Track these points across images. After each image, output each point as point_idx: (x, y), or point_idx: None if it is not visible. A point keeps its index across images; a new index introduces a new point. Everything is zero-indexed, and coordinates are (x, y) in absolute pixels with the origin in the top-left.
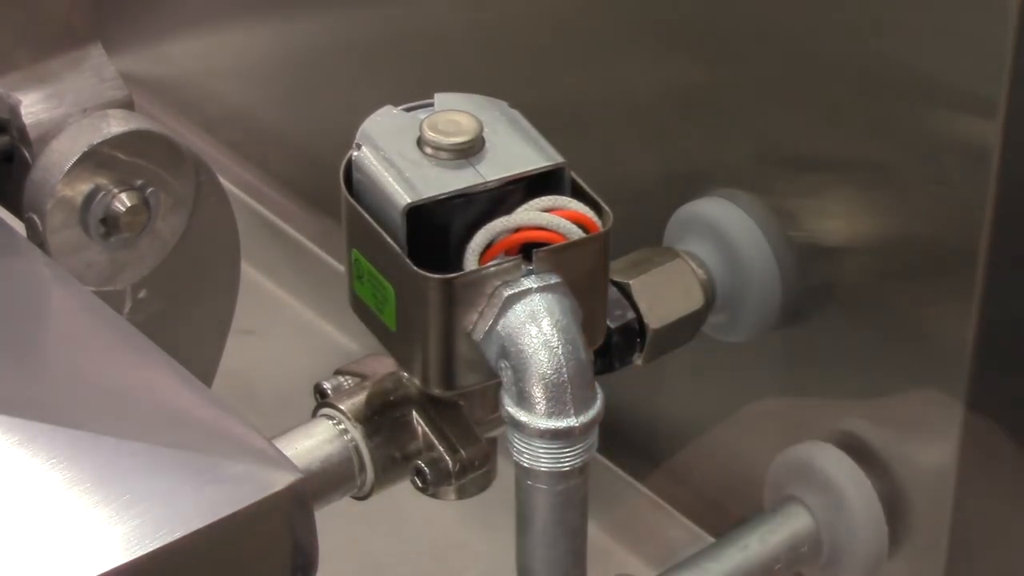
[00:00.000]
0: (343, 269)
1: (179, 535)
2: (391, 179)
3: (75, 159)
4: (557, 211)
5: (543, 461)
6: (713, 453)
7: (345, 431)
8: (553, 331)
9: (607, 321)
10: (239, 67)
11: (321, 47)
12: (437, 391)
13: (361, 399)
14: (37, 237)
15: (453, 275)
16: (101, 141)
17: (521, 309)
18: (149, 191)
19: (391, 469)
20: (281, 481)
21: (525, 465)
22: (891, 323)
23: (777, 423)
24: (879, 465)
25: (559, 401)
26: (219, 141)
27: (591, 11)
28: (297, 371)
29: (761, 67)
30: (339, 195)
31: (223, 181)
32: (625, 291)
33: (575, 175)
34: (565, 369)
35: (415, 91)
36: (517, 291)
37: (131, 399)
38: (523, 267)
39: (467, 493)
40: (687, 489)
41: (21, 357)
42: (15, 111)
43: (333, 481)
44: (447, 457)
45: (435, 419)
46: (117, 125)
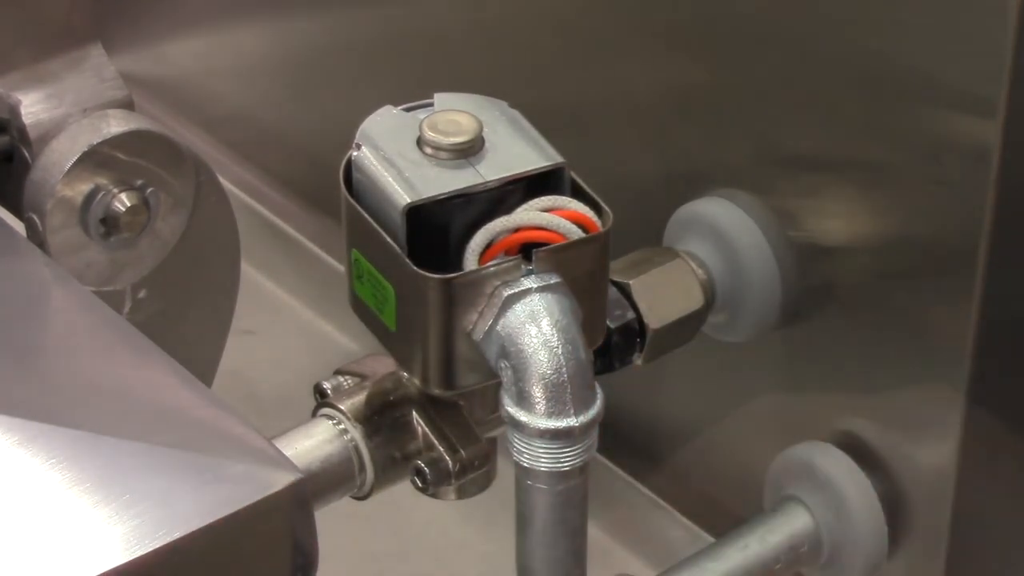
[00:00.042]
0: (343, 269)
1: (179, 535)
2: (391, 179)
3: (75, 159)
4: (557, 211)
5: (543, 461)
6: (713, 453)
7: (345, 431)
8: (553, 331)
9: (607, 321)
10: (239, 67)
11: (321, 47)
12: (437, 391)
13: (361, 399)
14: (37, 237)
15: (453, 275)
16: (101, 141)
17: (521, 309)
18: (149, 191)
19: (391, 469)
20: (281, 481)
21: (525, 465)
22: (891, 323)
23: (777, 423)
24: (879, 465)
25: (559, 401)
26: (219, 141)
27: (591, 11)
28: (297, 371)
29: (761, 67)
30: (339, 195)
31: (223, 181)
32: (625, 291)
33: (575, 175)
34: (565, 369)
35: (415, 91)
36: (517, 291)
37: (131, 399)
38: (523, 267)
39: (467, 493)
40: (687, 489)
41: (21, 357)
42: (15, 111)
43: (333, 481)
44: (447, 457)
45: (435, 419)
46: (117, 125)
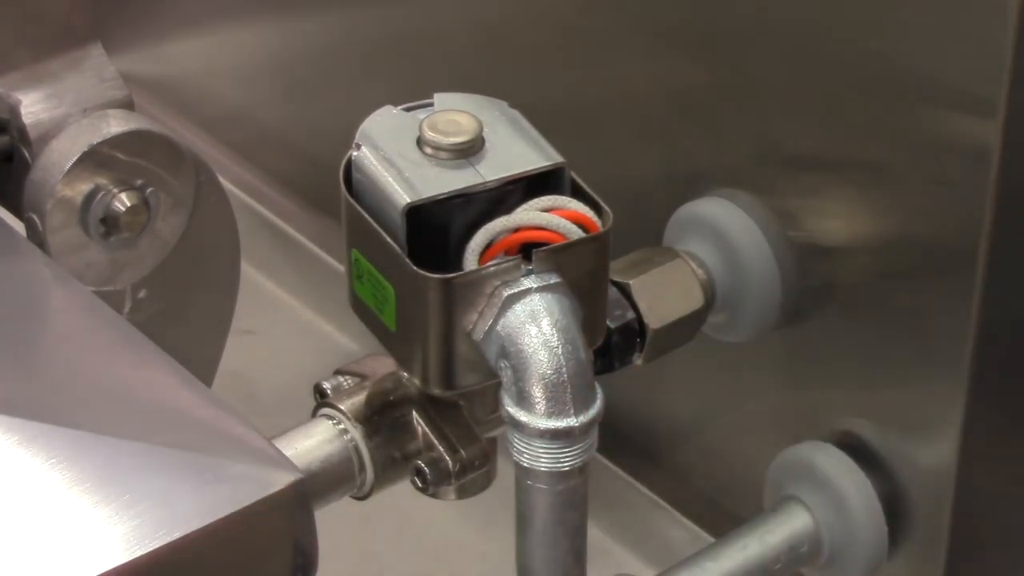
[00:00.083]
0: (343, 269)
1: (179, 535)
2: (391, 179)
3: (75, 159)
4: (557, 211)
5: (543, 461)
6: (713, 453)
7: (345, 431)
8: (553, 331)
9: (607, 321)
10: (239, 67)
11: (321, 47)
12: (437, 391)
13: (361, 399)
14: (37, 237)
15: (453, 275)
16: (101, 141)
17: (521, 309)
18: (149, 191)
19: (391, 469)
20: (281, 481)
21: (525, 465)
22: (891, 323)
23: (777, 423)
24: (879, 465)
25: (559, 401)
26: (219, 141)
27: (591, 11)
28: (297, 371)
29: (761, 67)
30: (339, 195)
31: (223, 181)
32: (625, 291)
33: (575, 175)
34: (565, 369)
35: (415, 91)
36: (517, 291)
37: (131, 399)
38: (523, 267)
39: (467, 493)
40: (687, 489)
41: (21, 357)
42: (15, 111)
43: (333, 481)
44: (447, 457)
45: (435, 419)
46: (117, 125)
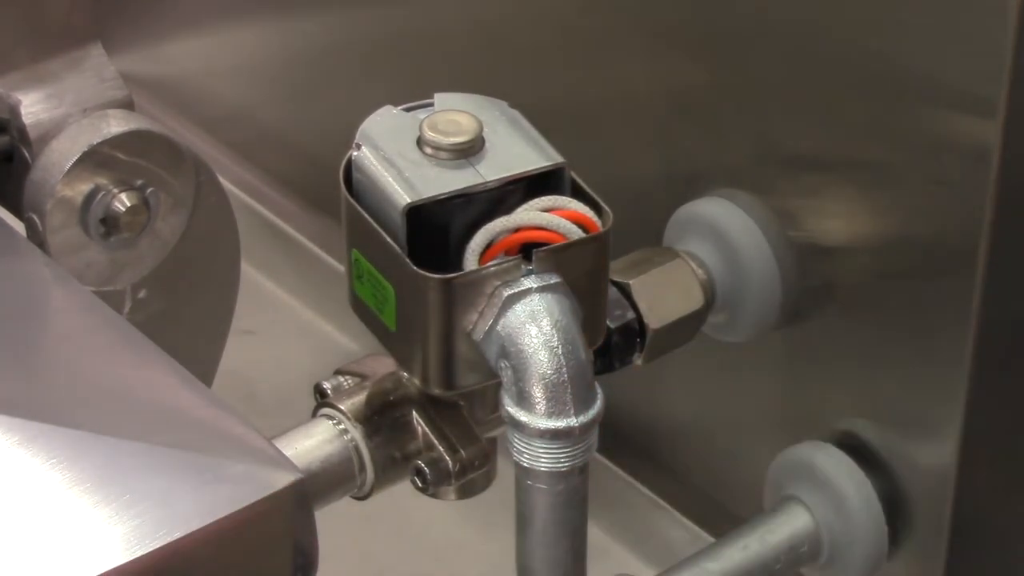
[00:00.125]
0: (343, 269)
1: (179, 535)
2: (391, 179)
3: (75, 159)
4: (557, 211)
5: (543, 461)
6: (713, 453)
7: (345, 431)
8: (553, 331)
9: (607, 321)
10: (239, 67)
11: (321, 47)
12: (437, 391)
13: (361, 399)
14: (37, 237)
15: (453, 275)
16: (101, 141)
17: (521, 309)
18: (149, 191)
19: (391, 469)
20: (281, 481)
21: (525, 465)
22: (891, 323)
23: (777, 423)
24: (879, 465)
25: (559, 401)
26: (219, 141)
27: (591, 11)
28: (297, 371)
29: (761, 67)
30: (339, 195)
31: (223, 181)
32: (625, 291)
33: (575, 175)
34: (565, 369)
35: (415, 91)
36: (517, 291)
37: (131, 399)
38: (523, 267)
39: (467, 493)
40: (687, 489)
41: (21, 357)
42: (15, 111)
43: (333, 481)
44: (447, 457)
45: (435, 419)
46: (117, 125)
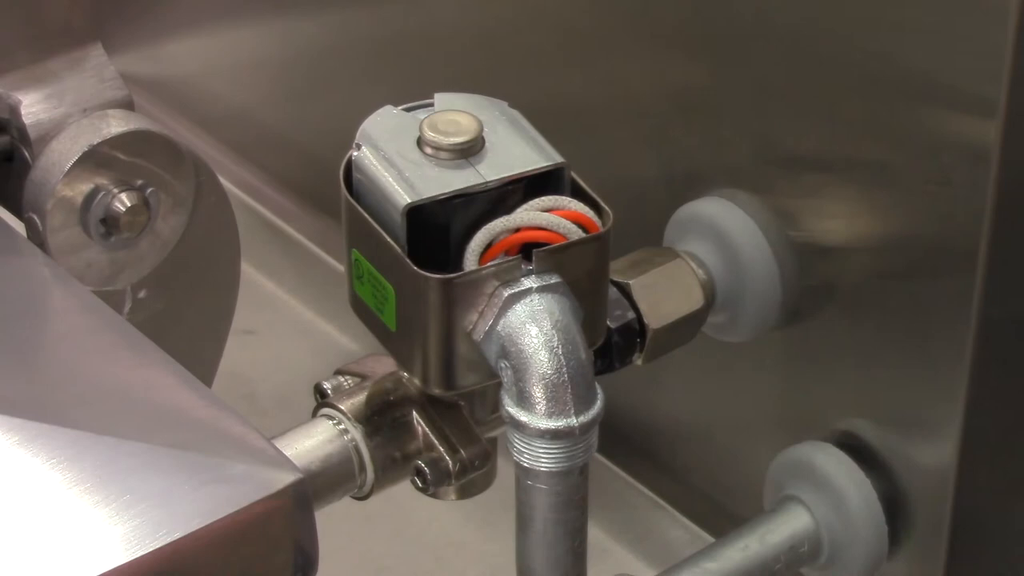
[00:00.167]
0: (343, 269)
1: (179, 535)
2: (391, 179)
3: (75, 159)
4: (557, 211)
5: (543, 461)
6: (713, 453)
7: (345, 431)
8: (553, 331)
9: (607, 321)
10: (239, 67)
11: (321, 47)
12: (437, 391)
13: (361, 399)
14: (37, 237)
15: (453, 275)
16: (101, 141)
17: (521, 309)
18: (149, 191)
19: (391, 469)
20: (281, 481)
21: (525, 465)
22: (891, 323)
23: (777, 423)
24: (879, 465)
25: (559, 401)
26: (219, 141)
27: (591, 11)
28: (297, 371)
29: (761, 67)
30: (339, 195)
31: (223, 181)
32: (625, 291)
33: (575, 175)
34: (565, 369)
35: (415, 91)
36: (517, 291)
37: (131, 399)
38: (523, 267)
39: (467, 493)
40: (687, 489)
41: (21, 357)
42: (15, 111)
43: (333, 481)
44: (447, 457)
45: (435, 419)
46: (117, 125)
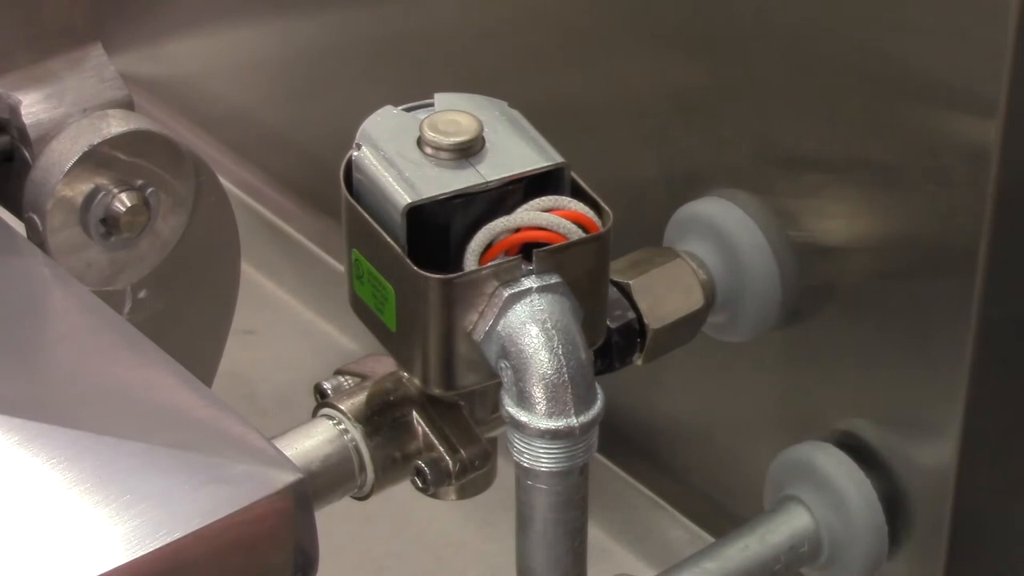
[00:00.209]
0: (343, 269)
1: (179, 535)
2: (391, 179)
3: (75, 159)
4: (557, 211)
5: (543, 461)
6: (713, 453)
7: (345, 431)
8: (553, 331)
9: (607, 321)
10: (239, 67)
11: (321, 47)
12: (437, 391)
13: (361, 399)
14: (37, 237)
15: (453, 275)
16: (101, 141)
17: (521, 309)
18: (149, 191)
19: (391, 469)
20: (281, 481)
21: (525, 465)
22: (891, 323)
23: (777, 423)
24: (879, 465)
25: (559, 401)
26: (219, 141)
27: (591, 11)
28: (297, 371)
29: (761, 67)
30: (339, 195)
31: (223, 181)
32: (625, 291)
33: (575, 175)
34: (565, 369)
35: (415, 91)
36: (517, 291)
37: (131, 399)
38: (523, 267)
39: (467, 493)
40: (687, 489)
41: (21, 357)
42: (15, 111)
43: (333, 481)
44: (447, 457)
45: (435, 419)
46: (117, 125)
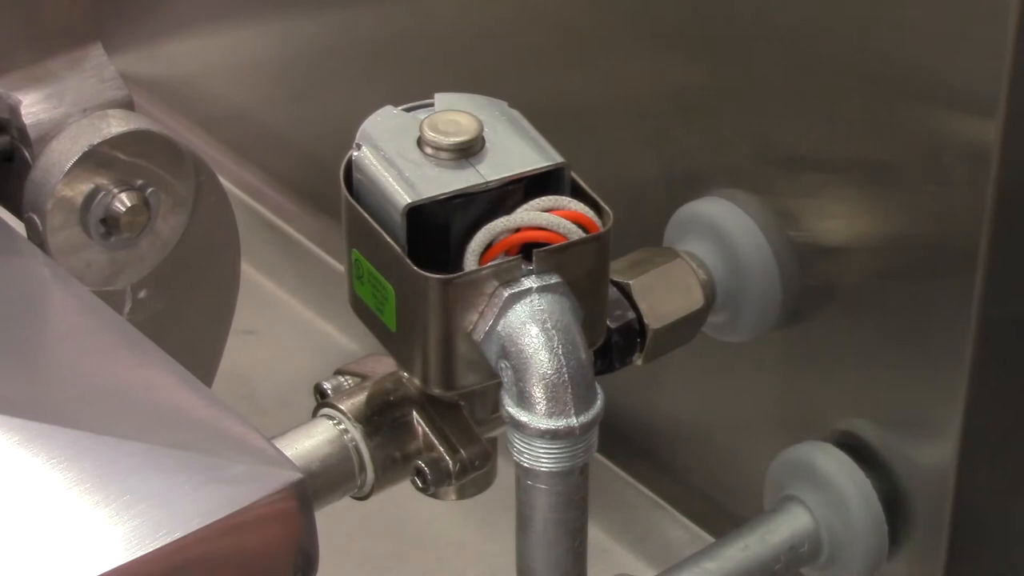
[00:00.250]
0: (343, 269)
1: (179, 535)
2: (391, 179)
3: (75, 159)
4: (557, 211)
5: (543, 461)
6: (713, 453)
7: (345, 431)
8: (553, 331)
9: (607, 321)
10: (239, 67)
11: (321, 47)
12: (437, 391)
13: (361, 399)
14: (37, 237)
15: (453, 275)
16: (101, 141)
17: (521, 309)
18: (149, 191)
19: (391, 469)
20: (281, 481)
21: (525, 465)
22: (891, 323)
23: (777, 423)
24: (879, 465)
25: (559, 401)
26: (219, 141)
27: (591, 11)
28: (297, 371)
29: (761, 67)
30: (339, 195)
31: (223, 181)
32: (625, 291)
33: (575, 175)
34: (565, 369)
35: (415, 91)
36: (517, 291)
37: (131, 399)
38: (523, 267)
39: (467, 493)
40: (687, 489)
41: (21, 357)
42: (15, 111)
43: (333, 481)
44: (447, 457)
45: (435, 419)
46: (117, 125)
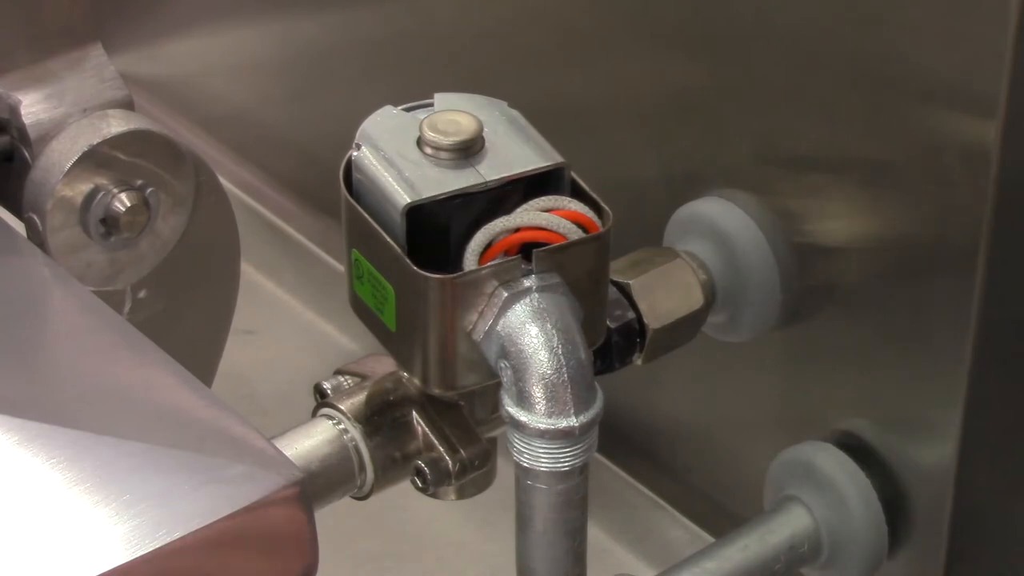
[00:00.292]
0: (343, 269)
1: (179, 535)
2: (391, 179)
3: (75, 159)
4: (557, 211)
5: (543, 461)
6: (713, 453)
7: (345, 431)
8: (553, 331)
9: (607, 321)
10: (239, 67)
11: (321, 47)
12: (437, 391)
13: (361, 399)
14: (37, 237)
15: (453, 275)
16: (101, 141)
17: (521, 309)
18: (149, 191)
19: (391, 469)
20: (281, 481)
21: (525, 465)
22: (891, 323)
23: (777, 423)
24: (879, 465)
25: (559, 401)
26: (219, 141)
27: (591, 11)
28: (297, 371)
29: (761, 67)
30: (339, 195)
31: (223, 181)
32: (625, 291)
33: (575, 175)
34: (565, 369)
35: (415, 91)
36: (517, 291)
37: (131, 399)
38: (523, 267)
39: (467, 493)
40: (687, 489)
41: (21, 357)
42: (15, 111)
43: (333, 481)
44: (447, 457)
45: (435, 419)
46: (117, 125)
